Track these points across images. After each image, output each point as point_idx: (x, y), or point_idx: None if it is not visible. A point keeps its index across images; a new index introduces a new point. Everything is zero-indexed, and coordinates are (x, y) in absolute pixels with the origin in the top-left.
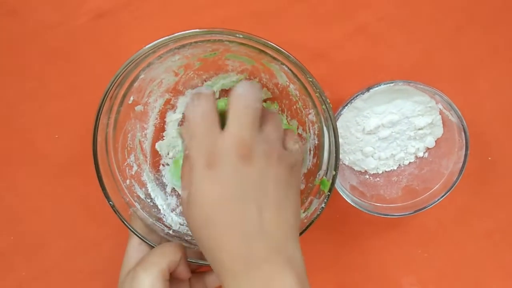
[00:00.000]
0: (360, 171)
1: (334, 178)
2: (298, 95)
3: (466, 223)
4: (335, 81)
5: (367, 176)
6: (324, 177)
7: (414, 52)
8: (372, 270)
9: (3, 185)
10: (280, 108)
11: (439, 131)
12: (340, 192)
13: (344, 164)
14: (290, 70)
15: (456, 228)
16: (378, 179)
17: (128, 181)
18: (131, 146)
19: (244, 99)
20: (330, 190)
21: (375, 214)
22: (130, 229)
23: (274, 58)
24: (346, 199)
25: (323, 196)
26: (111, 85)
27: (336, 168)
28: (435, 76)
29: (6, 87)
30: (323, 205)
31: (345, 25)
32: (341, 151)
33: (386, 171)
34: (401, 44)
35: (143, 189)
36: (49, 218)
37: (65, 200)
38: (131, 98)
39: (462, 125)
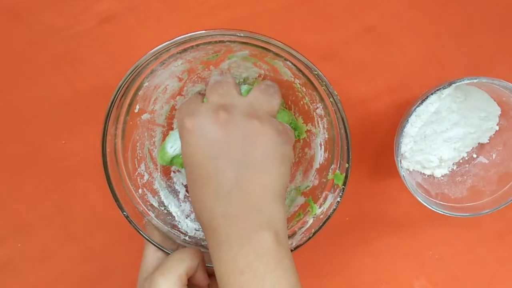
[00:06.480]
0: (425, 170)
1: (347, 171)
2: (304, 90)
3: (477, 225)
4: (344, 81)
5: (432, 175)
6: (337, 171)
7: (422, 52)
8: (382, 273)
9: (10, 191)
10: (287, 105)
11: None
12: (410, 189)
13: (411, 163)
14: (294, 65)
15: (467, 229)
16: (442, 178)
17: (140, 190)
18: (140, 155)
19: (217, 79)
20: (344, 184)
21: (442, 213)
22: (146, 238)
23: (277, 55)
24: (415, 195)
25: (337, 190)
26: (115, 95)
27: (349, 160)
28: (444, 76)
29: (13, 93)
30: (338, 199)
31: (353, 25)
32: (409, 151)
33: (451, 171)
34: (409, 44)
35: (156, 197)
36: (57, 225)
37: (73, 206)
38: (137, 107)
39: None
